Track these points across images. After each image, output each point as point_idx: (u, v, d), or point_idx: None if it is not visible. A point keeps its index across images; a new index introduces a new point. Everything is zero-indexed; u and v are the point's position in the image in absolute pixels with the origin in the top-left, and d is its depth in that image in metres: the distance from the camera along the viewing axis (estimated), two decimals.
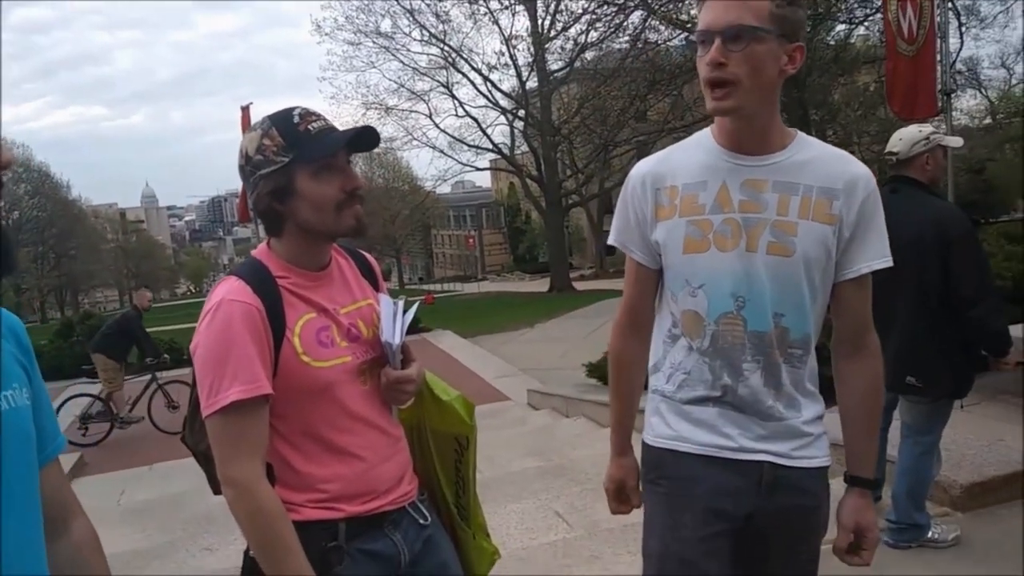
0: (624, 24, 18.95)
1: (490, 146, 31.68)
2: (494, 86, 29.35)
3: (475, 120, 30.50)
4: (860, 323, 1.62)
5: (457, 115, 30.69)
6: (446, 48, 28.72)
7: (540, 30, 25.67)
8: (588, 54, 23.35)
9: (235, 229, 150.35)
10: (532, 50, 25.97)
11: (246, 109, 9.76)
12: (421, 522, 1.67)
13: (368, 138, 1.61)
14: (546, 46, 24.84)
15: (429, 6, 27.52)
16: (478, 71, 28.90)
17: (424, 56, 29.63)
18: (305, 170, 1.53)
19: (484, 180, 63.94)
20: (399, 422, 1.73)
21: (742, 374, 1.56)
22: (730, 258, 1.54)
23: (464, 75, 29.51)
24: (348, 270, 1.72)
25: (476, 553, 1.82)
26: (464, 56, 28.87)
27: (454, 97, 30.23)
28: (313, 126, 1.55)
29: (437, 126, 30.93)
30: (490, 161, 35.01)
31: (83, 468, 8.16)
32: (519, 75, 28.12)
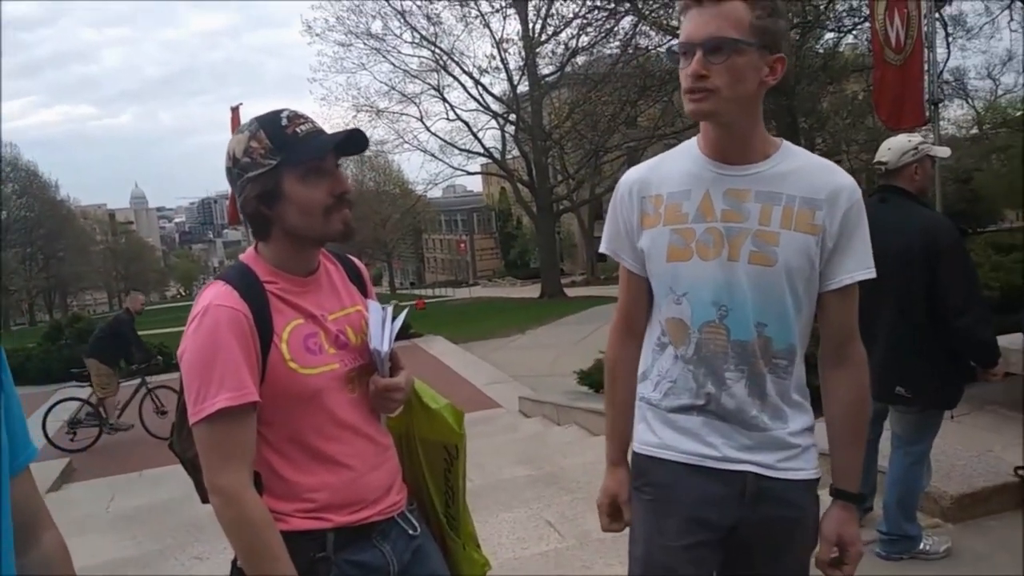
0: (615, 29, 19.04)
1: (481, 150, 31.72)
2: (485, 90, 29.43)
3: (466, 124, 30.56)
4: (845, 333, 1.61)
5: (448, 118, 30.73)
6: (437, 51, 28.78)
7: (531, 34, 25.71)
8: (579, 59, 23.43)
9: (225, 231, 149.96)
10: (523, 54, 25.98)
11: (236, 110, 9.70)
12: (410, 532, 1.66)
13: (357, 141, 1.59)
14: (537, 50, 24.88)
15: (420, 8, 27.60)
16: (469, 74, 28.95)
17: (415, 58, 29.70)
18: (293, 173, 1.51)
19: (475, 184, 64.06)
20: (388, 430, 1.72)
21: (725, 383, 1.56)
22: (712, 267, 1.54)
23: (455, 78, 29.56)
24: (336, 276, 1.70)
25: (466, 564, 1.80)
26: (455, 59, 28.94)
27: (445, 100, 30.28)
28: (301, 129, 1.53)
29: (428, 129, 30.95)
30: (481, 165, 35.10)
31: (72, 474, 8.11)
32: (510, 79, 28.18)
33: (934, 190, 5.15)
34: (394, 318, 1.67)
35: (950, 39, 17.35)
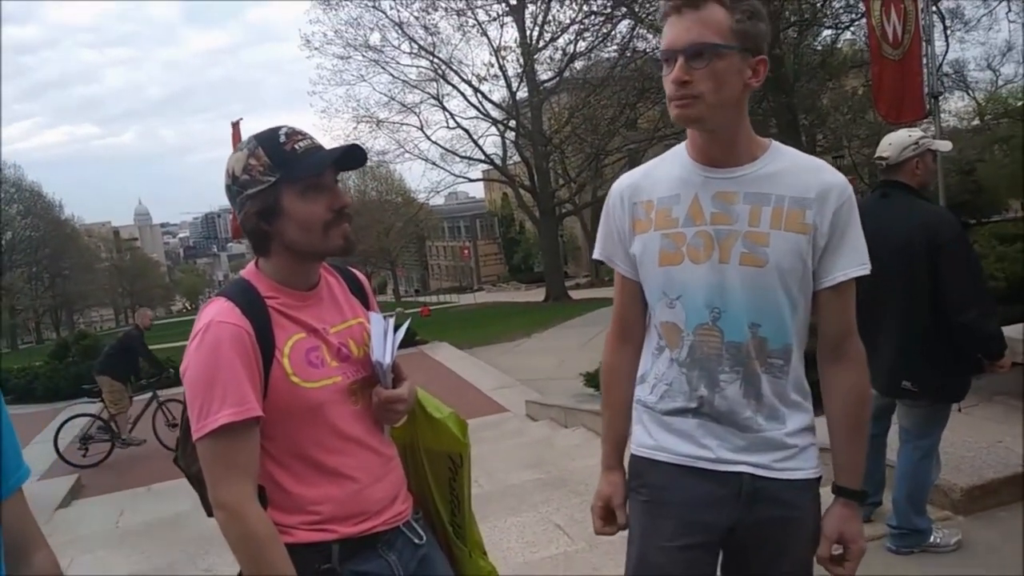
0: (612, 33, 19.06)
1: (482, 157, 31.75)
2: (484, 97, 29.44)
3: (466, 131, 30.57)
4: (842, 330, 1.61)
5: (448, 127, 30.74)
6: (436, 60, 28.82)
7: (529, 41, 25.71)
8: (577, 64, 23.44)
9: (229, 245, 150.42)
10: (521, 61, 25.96)
11: (236, 125, 9.75)
12: (416, 542, 1.66)
13: (355, 157, 1.60)
14: (535, 57, 24.89)
15: (418, 19, 27.60)
16: (468, 83, 28.98)
17: (414, 68, 29.72)
18: (292, 190, 1.52)
19: (477, 191, 64.09)
20: (392, 441, 1.72)
21: (719, 385, 1.57)
22: (703, 270, 1.55)
23: (454, 87, 29.60)
24: (338, 288, 1.71)
25: (473, 572, 1.81)
26: (454, 68, 28.97)
27: (445, 109, 30.30)
28: (299, 145, 1.54)
29: (429, 138, 30.98)
30: (483, 172, 35.03)
31: (81, 490, 8.12)
32: (509, 86, 28.17)
33: (937, 183, 5.15)
34: (396, 329, 1.67)
35: (948, 32, 17.36)
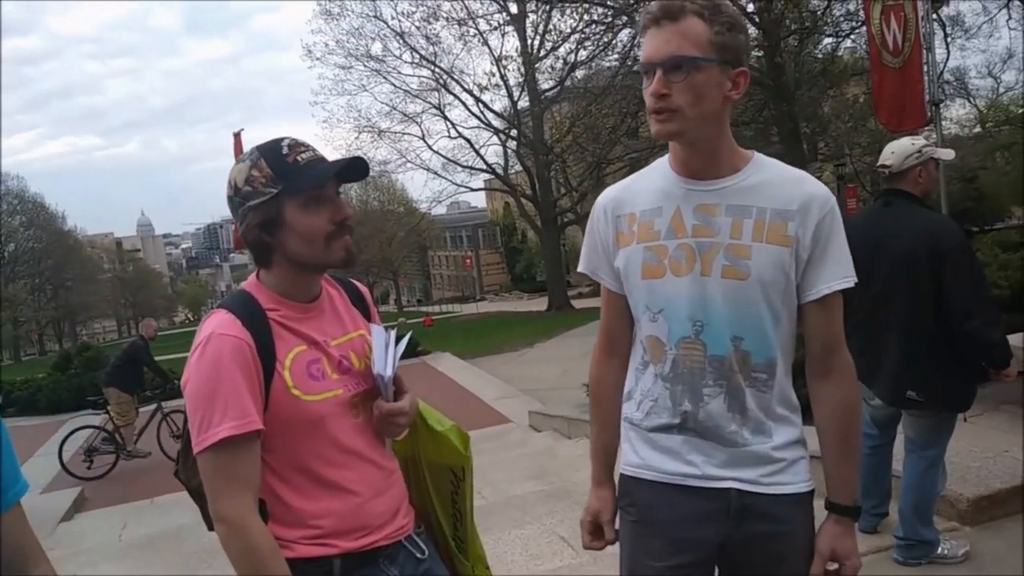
0: (613, 42, 19.07)
1: (484, 166, 31.82)
2: (486, 107, 29.53)
3: (468, 141, 30.67)
4: (829, 343, 1.59)
5: (450, 136, 30.83)
6: (437, 70, 28.95)
7: (530, 50, 25.81)
8: (578, 73, 23.45)
9: (232, 255, 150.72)
10: (522, 70, 26.05)
11: (238, 135, 9.77)
12: (418, 556, 1.65)
13: (357, 169, 1.60)
14: (536, 66, 24.95)
15: (419, 29, 27.73)
16: (469, 92, 29.07)
17: (415, 78, 29.86)
18: (294, 201, 1.52)
19: (479, 200, 64.14)
20: (393, 454, 1.71)
21: (702, 399, 1.55)
22: (685, 283, 1.54)
23: (456, 96, 29.72)
24: (339, 300, 1.70)
25: None
26: (455, 77, 29.11)
27: (446, 118, 30.39)
28: (302, 157, 1.54)
29: (430, 147, 31.08)
30: (484, 181, 35.15)
31: (84, 503, 8.10)
32: (510, 95, 28.29)
33: (939, 191, 5.13)
34: (397, 341, 1.66)
35: (949, 39, 17.35)
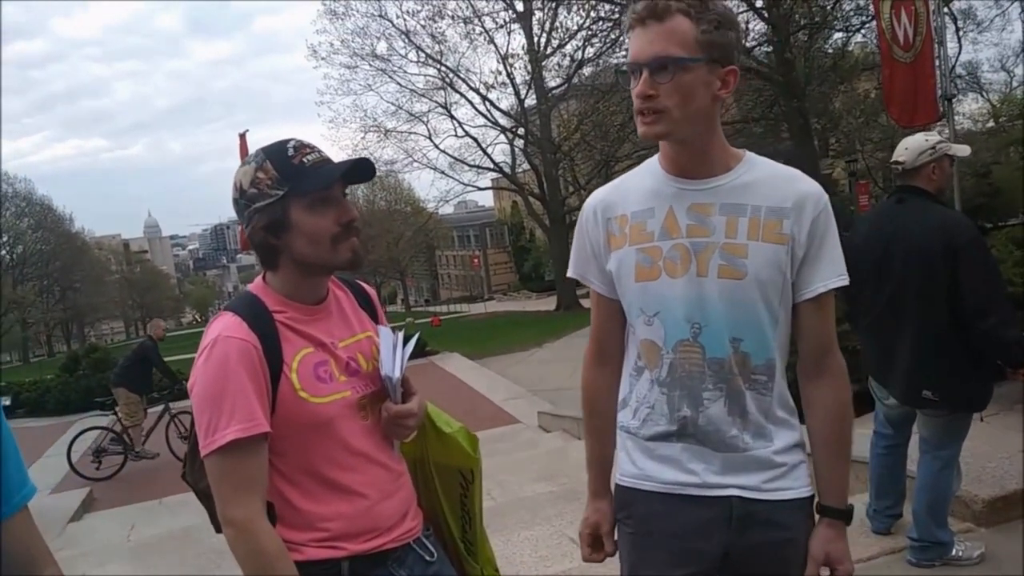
0: (620, 39, 19.05)
1: (491, 165, 31.78)
2: (493, 105, 29.48)
3: (475, 140, 30.62)
4: (822, 344, 1.57)
5: (457, 135, 30.80)
6: (443, 68, 28.90)
7: (536, 48, 25.77)
8: (585, 70, 23.42)
9: (239, 256, 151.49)
10: (529, 68, 26.04)
11: (243, 136, 9.77)
12: (427, 558, 1.64)
13: (363, 170, 1.59)
14: (543, 63, 24.96)
15: (425, 27, 27.69)
16: (476, 91, 29.02)
17: (421, 77, 29.80)
18: (300, 203, 1.51)
19: (486, 199, 64.34)
20: (402, 456, 1.70)
21: (702, 403, 1.52)
22: (681, 284, 1.51)
23: (462, 95, 29.66)
24: (346, 302, 1.69)
25: None
26: (461, 76, 29.04)
27: (453, 117, 30.35)
28: (308, 159, 1.53)
29: (437, 147, 31.05)
30: (492, 180, 35.16)
31: (93, 503, 8.14)
32: (517, 93, 28.25)
33: (952, 187, 5.08)
34: (405, 343, 1.65)
35: (961, 33, 17.29)
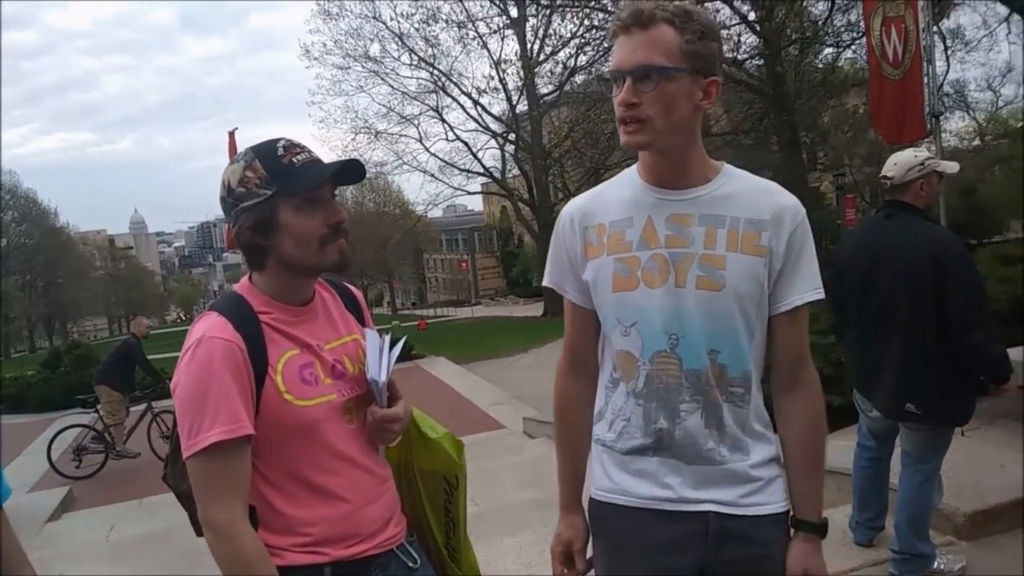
0: (613, 48, 19.13)
1: (481, 170, 31.80)
2: (484, 110, 29.49)
3: (466, 144, 30.63)
4: (796, 357, 1.57)
5: (447, 139, 30.77)
6: (435, 72, 28.90)
7: (529, 54, 25.79)
8: (578, 78, 23.48)
9: (225, 255, 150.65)
10: (521, 74, 26.05)
11: (232, 134, 9.71)
12: (410, 565, 1.63)
13: (353, 171, 1.57)
14: (535, 70, 24.99)
15: (418, 31, 27.71)
16: (468, 95, 29.04)
17: (413, 80, 29.79)
18: (288, 203, 1.49)
19: (476, 204, 64.35)
20: (387, 461, 1.68)
21: (679, 415, 1.51)
22: (659, 295, 1.50)
23: (454, 99, 29.66)
24: (332, 304, 1.68)
25: None
26: (454, 80, 29.05)
27: (444, 121, 30.34)
28: (297, 159, 1.51)
29: (427, 150, 31.03)
30: (481, 185, 35.08)
31: (72, 503, 8.04)
32: (509, 99, 28.25)
33: (939, 204, 5.12)
34: (392, 346, 1.64)
35: (949, 52, 17.46)
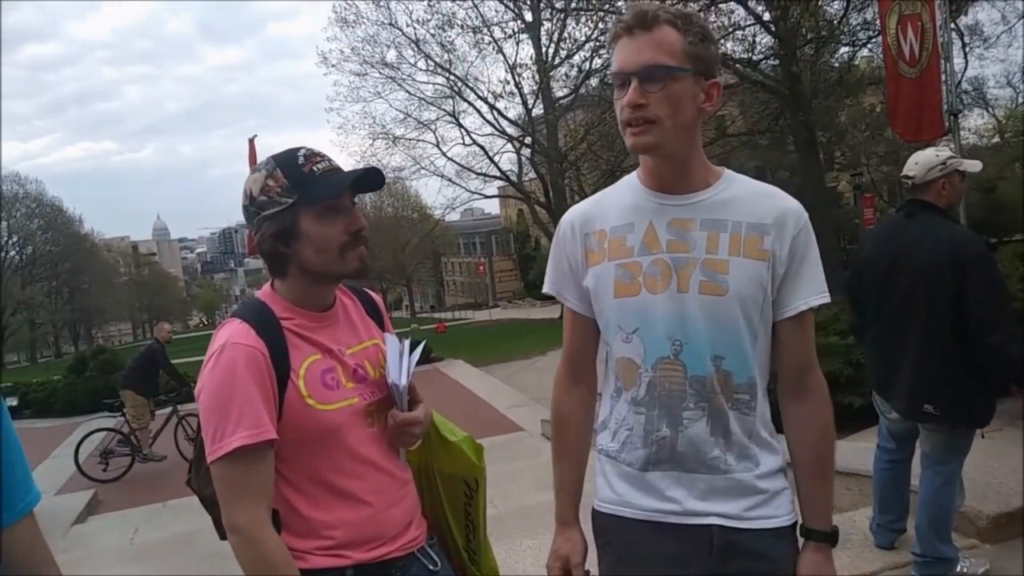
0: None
1: (498, 173, 31.81)
2: (500, 114, 29.50)
3: (482, 148, 30.65)
4: (803, 363, 1.55)
5: (464, 143, 30.82)
6: (452, 77, 28.95)
7: (544, 58, 25.80)
8: (593, 80, 23.44)
9: (246, 260, 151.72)
10: (537, 78, 26.07)
11: (252, 141, 9.83)
12: (430, 568, 1.64)
13: (373, 179, 1.60)
14: (551, 74, 24.99)
15: (434, 36, 27.76)
16: (484, 99, 29.04)
17: (430, 86, 29.87)
18: (309, 212, 1.52)
19: (493, 207, 64.37)
20: (407, 465, 1.71)
21: (682, 423, 1.48)
22: (662, 300, 1.48)
23: (470, 104, 29.69)
24: (353, 310, 1.70)
25: None
26: (470, 85, 29.08)
27: (461, 126, 30.39)
28: (318, 167, 1.54)
29: (445, 155, 31.08)
30: (498, 188, 35.16)
31: (97, 506, 8.13)
32: (525, 103, 28.27)
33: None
34: (411, 350, 1.66)
35: (967, 49, 17.25)
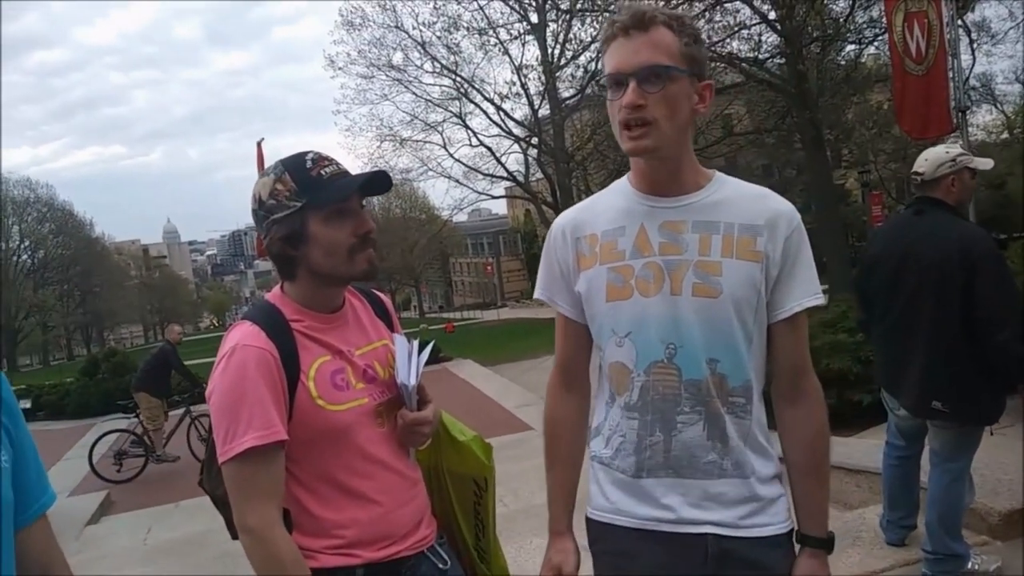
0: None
1: (505, 174, 31.81)
2: (507, 115, 29.46)
3: (489, 149, 30.64)
4: (797, 365, 1.53)
5: (471, 145, 30.81)
6: (458, 79, 28.95)
7: (550, 59, 25.79)
8: (599, 81, 23.49)
9: (256, 262, 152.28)
10: (543, 79, 26.07)
11: (260, 144, 9.88)
12: (440, 567, 1.65)
13: (380, 182, 1.61)
14: (557, 74, 24.99)
15: (440, 39, 27.76)
16: (490, 101, 29.02)
17: (436, 87, 29.87)
18: (317, 215, 1.53)
19: (500, 208, 64.30)
20: (417, 464, 1.72)
21: (675, 427, 1.46)
22: (655, 303, 1.46)
23: (477, 105, 29.69)
24: (362, 310, 1.72)
25: None
26: (476, 86, 29.06)
27: (467, 127, 30.38)
28: (326, 171, 1.55)
29: (452, 156, 31.09)
30: (505, 189, 35.14)
31: (110, 506, 8.17)
32: (531, 104, 28.25)
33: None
34: (420, 350, 1.67)
35: (975, 45, 17.17)
